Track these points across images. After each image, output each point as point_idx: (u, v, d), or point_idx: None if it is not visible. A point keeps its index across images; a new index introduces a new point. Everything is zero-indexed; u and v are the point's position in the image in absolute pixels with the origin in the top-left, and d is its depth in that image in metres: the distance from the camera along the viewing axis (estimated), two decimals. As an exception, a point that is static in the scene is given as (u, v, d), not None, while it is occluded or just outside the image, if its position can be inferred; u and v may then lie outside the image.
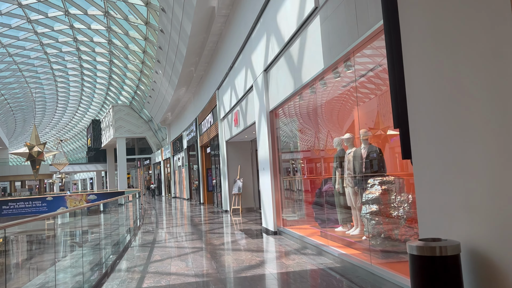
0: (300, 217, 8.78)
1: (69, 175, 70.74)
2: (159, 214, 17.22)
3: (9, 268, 8.59)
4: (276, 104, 8.35)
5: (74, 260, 6.95)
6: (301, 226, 8.16)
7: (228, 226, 11.07)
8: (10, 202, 19.99)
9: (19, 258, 11.70)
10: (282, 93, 7.96)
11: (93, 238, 9.28)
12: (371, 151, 5.50)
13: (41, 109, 51.14)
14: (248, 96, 11.04)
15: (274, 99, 8.52)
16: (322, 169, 7.81)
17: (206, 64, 17.92)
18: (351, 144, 6.16)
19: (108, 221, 10.33)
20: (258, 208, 15.45)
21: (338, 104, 6.72)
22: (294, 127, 8.63)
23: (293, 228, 8.15)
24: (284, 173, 9.08)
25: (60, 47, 31.21)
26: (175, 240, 8.96)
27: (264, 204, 9.43)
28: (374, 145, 5.55)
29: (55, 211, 20.56)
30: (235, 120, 12.87)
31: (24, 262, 10.95)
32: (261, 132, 9.40)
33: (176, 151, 30.55)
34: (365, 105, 5.79)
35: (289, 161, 9.06)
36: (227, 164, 15.36)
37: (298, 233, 7.49)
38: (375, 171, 5.39)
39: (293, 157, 9.37)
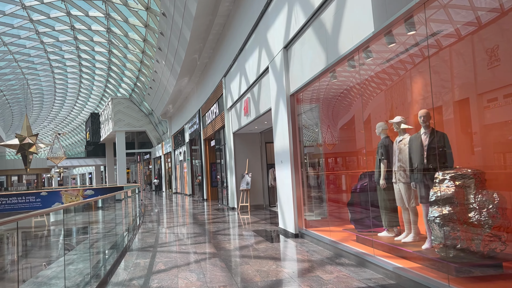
0: (327, 218, 7.60)
1: (67, 170, 69.59)
2: (161, 211, 16.06)
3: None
4: (299, 86, 7.15)
5: (59, 270, 5.79)
6: (329, 228, 6.98)
7: (239, 226, 9.90)
8: (1, 197, 18.82)
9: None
10: (307, 72, 6.75)
11: (84, 240, 8.12)
12: (436, 137, 4.31)
13: (38, 102, 49.87)
14: (261, 80, 9.83)
15: (297, 80, 7.31)
16: (358, 162, 6.63)
17: (211, 50, 16.69)
18: (402, 130, 4.97)
19: (104, 220, 9.17)
20: (268, 205, 14.29)
21: (386, 78, 5.51)
22: (319, 113, 7.44)
23: (320, 231, 6.98)
24: (307, 166, 7.90)
25: (57, 36, 29.93)
26: (181, 243, 7.79)
27: (282, 202, 8.25)
28: (438, 131, 4.36)
29: (50, 207, 19.39)
30: (245, 109, 11.67)
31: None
32: (279, 120, 8.20)
33: (177, 145, 29.37)
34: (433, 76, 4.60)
35: (313, 152, 7.87)
36: (234, 157, 14.18)
37: (328, 237, 6.32)
38: (442, 163, 4.20)
39: (319, 148, 8.19)
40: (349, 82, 6.14)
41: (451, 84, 4.44)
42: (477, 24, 3.81)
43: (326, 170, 7.51)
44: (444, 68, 4.41)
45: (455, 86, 4.37)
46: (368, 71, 5.49)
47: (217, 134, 17.40)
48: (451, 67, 4.40)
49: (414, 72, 4.93)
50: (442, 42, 4.20)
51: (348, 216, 6.22)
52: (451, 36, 4.13)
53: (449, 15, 4.02)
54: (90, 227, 8.37)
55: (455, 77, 4.41)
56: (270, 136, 14.41)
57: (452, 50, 4.23)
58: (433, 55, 4.30)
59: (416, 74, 4.92)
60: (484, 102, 4.02)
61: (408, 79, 5.16)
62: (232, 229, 9.43)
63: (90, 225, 8.35)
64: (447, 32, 4.15)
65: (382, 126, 5.36)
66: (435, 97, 4.35)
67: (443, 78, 4.44)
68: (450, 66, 4.40)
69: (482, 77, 4.01)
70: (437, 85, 4.40)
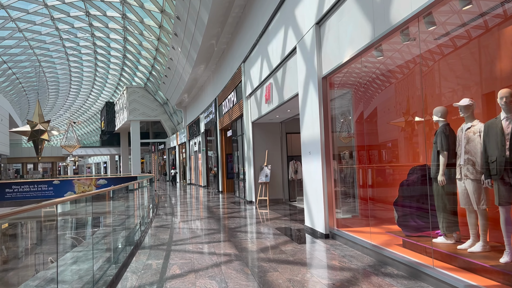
0: (363, 218, 6.75)
1: (83, 159, 69.95)
2: (175, 203, 15.40)
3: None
4: (335, 67, 6.26)
5: (59, 270, 5.10)
6: (369, 229, 6.14)
7: (259, 222, 9.12)
8: (14, 185, 18.45)
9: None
10: (346, 50, 5.86)
11: (93, 234, 7.44)
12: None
13: (54, 90, 49.85)
14: (287, 63, 8.96)
15: (331, 60, 6.43)
16: (408, 154, 5.75)
17: (230, 35, 15.83)
18: (470, 115, 4.07)
19: (114, 212, 8.50)
20: (287, 200, 13.48)
21: (455, 52, 4.60)
22: (356, 97, 6.55)
23: (355, 232, 6.13)
24: (342, 158, 7.03)
25: (72, 22, 29.43)
26: (197, 241, 7.05)
27: (309, 198, 7.42)
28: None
29: (62, 196, 18.97)
30: (267, 96, 10.81)
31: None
32: (308, 106, 7.34)
33: (192, 135, 28.72)
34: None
35: (348, 143, 7.00)
36: (252, 148, 13.37)
37: (367, 241, 5.46)
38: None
39: (351, 139, 7.31)
40: (400, 59, 5.24)
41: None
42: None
43: (363, 163, 6.64)
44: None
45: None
46: (429, 44, 4.57)
47: (234, 124, 16.61)
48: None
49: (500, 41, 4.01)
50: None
51: (394, 217, 5.35)
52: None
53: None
54: (98, 221, 7.69)
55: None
56: (291, 126, 13.54)
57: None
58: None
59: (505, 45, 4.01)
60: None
61: (487, 49, 4.25)
62: (252, 225, 8.65)
63: (98, 219, 7.66)
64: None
65: (441, 111, 4.46)
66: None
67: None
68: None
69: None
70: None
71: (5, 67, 35.80)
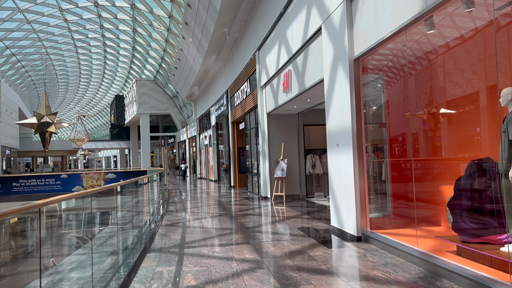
0: (399, 218, 5.99)
1: (92, 152, 69.89)
2: (186, 199, 14.75)
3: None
4: (371, 46, 5.45)
5: (57, 278, 4.44)
6: (406, 232, 5.37)
7: (278, 221, 8.39)
8: (20, 179, 17.99)
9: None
10: (387, 24, 5.06)
11: (98, 233, 6.79)
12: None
13: (64, 84, 49.57)
14: (309, 46, 8.16)
15: (367, 38, 5.63)
16: (465, 145, 4.95)
17: (243, 22, 15.04)
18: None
19: (121, 210, 7.85)
20: (305, 196, 12.72)
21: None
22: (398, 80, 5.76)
23: (394, 235, 5.37)
24: (370, 150, 6.26)
25: (80, 13, 28.86)
26: (212, 243, 6.35)
27: (337, 196, 6.66)
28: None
29: (69, 191, 18.46)
30: (285, 84, 10.03)
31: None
32: (336, 93, 6.56)
33: (202, 129, 28.06)
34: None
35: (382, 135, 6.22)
36: (268, 141, 12.62)
37: (414, 247, 4.69)
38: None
39: (383, 129, 6.54)
40: (455, 31, 4.43)
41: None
42: None
43: (398, 156, 5.86)
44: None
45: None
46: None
47: (247, 116, 15.87)
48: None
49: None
50: None
51: (447, 220, 4.56)
52: None
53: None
54: (105, 218, 7.03)
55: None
56: (309, 118, 12.76)
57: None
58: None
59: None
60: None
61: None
62: (271, 224, 7.92)
63: (104, 216, 7.00)
64: None
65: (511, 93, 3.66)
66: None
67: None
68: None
69: None
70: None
71: (14, 60, 35.47)
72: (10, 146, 35.80)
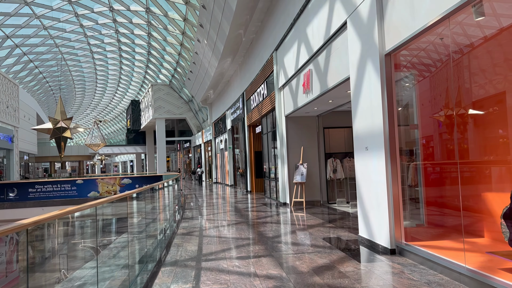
0: (436, 228, 5.42)
1: (109, 157, 70.44)
2: (202, 204, 14.34)
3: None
4: (407, 38, 4.93)
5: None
6: (448, 244, 4.81)
7: (300, 229, 7.88)
8: (36, 184, 17.89)
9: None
10: (426, 13, 4.53)
11: (109, 244, 6.40)
12: None
13: (80, 90, 50.05)
14: (332, 43, 7.66)
15: (400, 31, 5.11)
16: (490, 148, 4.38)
17: (259, 22, 14.62)
18: None
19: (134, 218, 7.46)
20: (326, 202, 12.16)
21: None
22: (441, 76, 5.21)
23: (434, 249, 4.81)
24: (405, 154, 5.71)
25: (96, 18, 28.95)
26: (232, 255, 5.88)
27: (366, 203, 6.12)
28: None
29: (85, 196, 18.30)
30: (305, 85, 9.54)
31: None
32: (364, 92, 6.04)
33: (218, 133, 27.72)
34: None
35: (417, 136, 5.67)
36: (286, 145, 12.13)
37: (462, 264, 4.13)
38: None
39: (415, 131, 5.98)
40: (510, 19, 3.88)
41: None
42: None
43: (447, 158, 5.30)
44: None
45: None
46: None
47: (264, 119, 15.40)
48: None
49: None
50: None
51: (503, 233, 3.99)
52: None
53: None
54: (120, 226, 6.66)
55: None
56: (330, 120, 12.23)
57: None
58: None
59: None
60: None
61: None
62: (293, 234, 7.41)
63: (118, 224, 6.62)
64: None
65: None
66: None
67: None
68: None
69: None
70: None
71: (31, 66, 35.85)
72: (28, 151, 36.13)
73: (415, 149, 6.24)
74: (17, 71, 35.12)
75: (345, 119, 12.27)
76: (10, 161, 29.16)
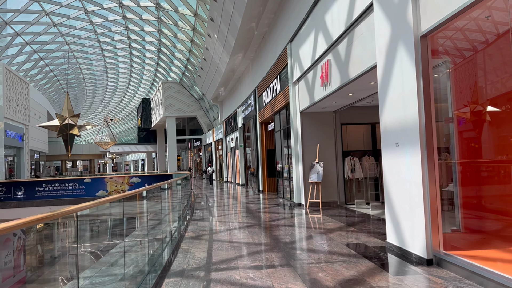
0: (483, 234, 4.71)
1: (120, 156, 70.47)
2: (212, 205, 13.75)
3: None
4: (448, 15, 4.24)
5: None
6: (498, 255, 4.11)
7: (319, 234, 7.22)
8: (44, 183, 17.52)
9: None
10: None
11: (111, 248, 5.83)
12: None
13: (91, 88, 49.98)
14: (355, 29, 6.98)
15: (441, 8, 4.41)
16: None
17: (272, 14, 13.97)
18: None
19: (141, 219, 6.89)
20: (343, 203, 11.47)
21: None
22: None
23: (482, 260, 4.11)
24: (442, 151, 5.01)
25: (106, 15, 28.59)
26: (245, 264, 5.26)
27: (395, 206, 5.43)
28: None
29: (93, 195, 17.87)
30: (323, 77, 8.86)
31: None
32: (394, 80, 5.35)
33: (229, 131, 27.14)
34: None
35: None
36: (301, 142, 11.47)
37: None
38: None
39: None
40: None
41: None
42: None
43: (497, 156, 4.60)
44: None
45: None
46: None
47: (277, 115, 14.75)
48: None
49: None
50: None
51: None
52: None
53: None
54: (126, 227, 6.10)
55: None
56: (347, 116, 11.53)
57: None
58: None
59: None
60: None
61: None
62: (312, 239, 6.75)
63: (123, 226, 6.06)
64: None
65: None
66: None
67: None
68: None
69: None
70: None
71: (42, 64, 35.73)
72: (39, 150, 36.04)
73: (450, 146, 5.53)
74: (27, 69, 35.03)
75: (364, 115, 11.57)
76: (21, 159, 29.01)
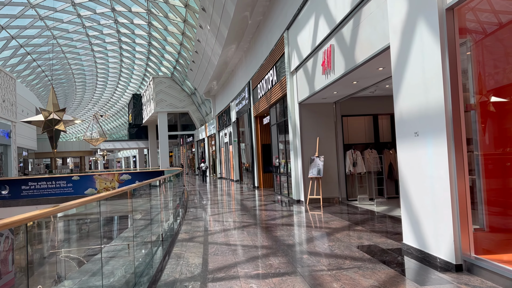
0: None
1: (112, 153, 69.38)
2: (206, 203, 13.09)
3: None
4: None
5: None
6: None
7: (325, 234, 6.61)
8: (30, 181, 16.72)
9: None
10: None
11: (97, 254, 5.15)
12: None
13: (81, 84, 48.86)
14: (362, 9, 6.34)
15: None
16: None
17: (268, 1, 13.29)
18: None
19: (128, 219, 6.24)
20: (345, 199, 10.88)
21: None
22: None
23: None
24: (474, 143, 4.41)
25: (94, 7, 27.64)
26: (246, 272, 4.63)
27: (415, 203, 4.83)
28: None
29: (81, 194, 17.11)
30: (325, 63, 8.22)
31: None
32: (412, 61, 4.73)
33: (222, 126, 26.44)
34: None
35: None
36: (300, 135, 10.85)
37: None
38: None
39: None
40: None
41: None
42: None
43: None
44: None
45: None
46: None
47: (273, 108, 14.10)
48: None
49: None
50: None
51: None
52: None
53: None
54: (108, 232, 5.45)
55: None
56: (348, 107, 10.92)
57: None
58: None
59: None
60: None
61: None
62: (318, 241, 6.14)
63: (106, 229, 5.41)
64: None
65: None
66: None
67: None
68: None
69: None
70: None
71: (29, 59, 34.66)
72: (28, 147, 35.03)
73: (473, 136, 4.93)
74: (14, 64, 33.94)
75: (366, 106, 10.97)
76: (8, 157, 28.05)
